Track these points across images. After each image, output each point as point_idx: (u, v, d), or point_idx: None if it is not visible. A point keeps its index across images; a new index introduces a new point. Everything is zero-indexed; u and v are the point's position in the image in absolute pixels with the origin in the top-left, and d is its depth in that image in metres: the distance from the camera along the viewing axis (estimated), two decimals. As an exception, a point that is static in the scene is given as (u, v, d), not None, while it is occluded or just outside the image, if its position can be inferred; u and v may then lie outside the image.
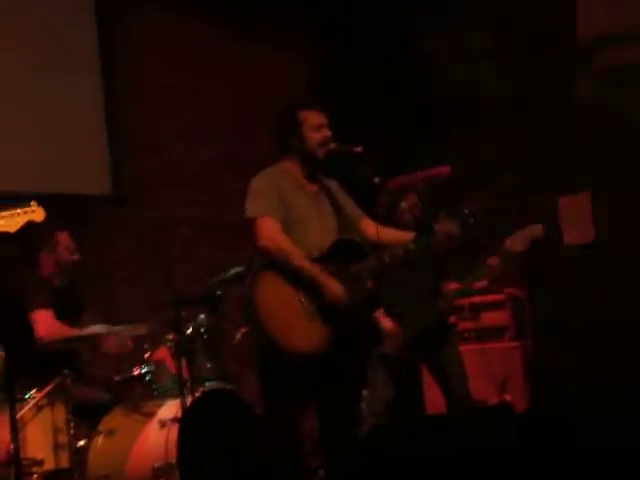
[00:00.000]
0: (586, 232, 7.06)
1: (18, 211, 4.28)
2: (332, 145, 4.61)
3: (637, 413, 4.91)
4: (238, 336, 5.54)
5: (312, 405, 4.60)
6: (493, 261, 5.45)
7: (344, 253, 4.50)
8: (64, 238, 5.69)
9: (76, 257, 5.72)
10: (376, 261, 4.49)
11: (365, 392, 5.15)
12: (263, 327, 4.31)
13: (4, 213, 4.01)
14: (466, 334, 6.99)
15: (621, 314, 6.65)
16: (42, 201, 4.92)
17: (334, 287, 4.38)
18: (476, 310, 7.05)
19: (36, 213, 4.34)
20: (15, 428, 4.06)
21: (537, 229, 5.36)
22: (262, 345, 4.42)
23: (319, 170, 4.67)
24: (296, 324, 4.33)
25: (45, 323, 5.42)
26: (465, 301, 6.91)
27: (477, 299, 6.96)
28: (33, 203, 4.36)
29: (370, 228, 4.69)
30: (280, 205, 4.47)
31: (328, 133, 4.58)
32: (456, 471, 3.87)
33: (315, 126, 4.57)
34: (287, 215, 4.49)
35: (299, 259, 4.38)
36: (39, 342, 5.33)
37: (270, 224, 4.42)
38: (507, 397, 6.58)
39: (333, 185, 4.76)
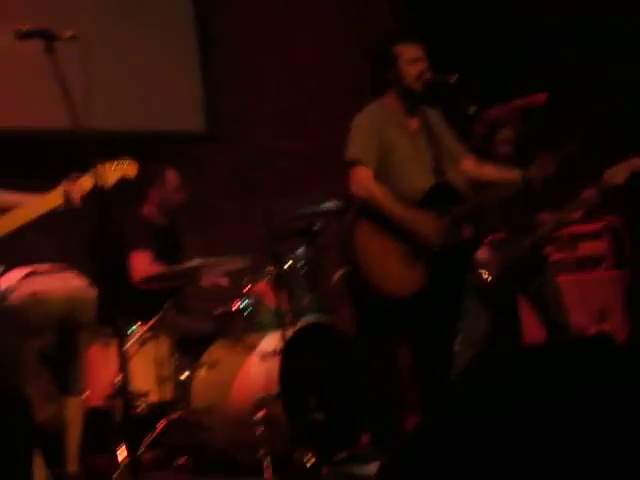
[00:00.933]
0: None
1: (113, 167, 4.36)
2: (428, 75, 4.57)
3: None
4: (335, 278, 5.58)
5: (409, 340, 4.64)
6: (589, 193, 5.37)
7: (441, 197, 4.51)
8: (172, 177, 5.76)
9: (182, 196, 5.80)
10: (476, 206, 4.54)
11: (462, 323, 5.14)
12: (361, 270, 4.39)
13: (99, 169, 4.10)
14: (564, 264, 6.92)
15: None
16: (137, 139, 5.01)
17: (427, 235, 4.40)
18: (574, 240, 6.96)
19: (129, 168, 4.43)
20: (123, 360, 4.15)
21: (636, 162, 5.26)
22: (360, 286, 4.46)
23: (419, 103, 4.64)
24: (391, 269, 4.39)
25: (142, 265, 5.52)
26: (563, 231, 6.83)
27: (575, 229, 6.87)
28: (127, 159, 4.44)
29: (471, 165, 4.66)
30: (378, 149, 4.48)
31: (424, 66, 4.55)
32: (553, 402, 3.84)
33: (411, 59, 4.55)
34: (387, 155, 4.51)
35: (391, 206, 4.41)
36: (135, 284, 5.45)
37: (364, 172, 4.45)
38: (606, 327, 6.52)
39: (435, 116, 4.73)
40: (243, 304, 5.43)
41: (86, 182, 4.20)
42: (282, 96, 7.29)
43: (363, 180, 4.46)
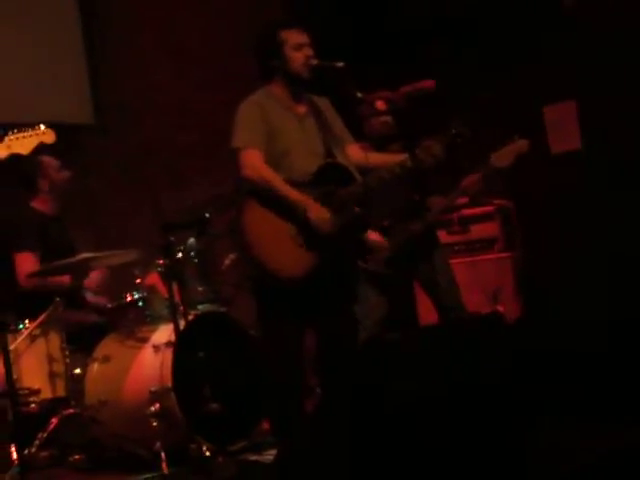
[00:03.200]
0: (573, 140, 7.04)
1: (29, 133, 4.30)
2: (314, 61, 4.58)
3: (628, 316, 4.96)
4: (227, 262, 5.58)
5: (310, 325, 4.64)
6: (472, 178, 5.43)
7: (331, 177, 4.51)
8: (48, 159, 5.66)
9: (67, 174, 5.72)
10: (363, 186, 4.50)
11: (357, 308, 5.17)
12: (250, 253, 4.36)
13: (15, 135, 4.05)
14: (456, 247, 7.02)
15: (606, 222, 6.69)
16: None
17: (317, 211, 4.39)
18: (465, 223, 7.06)
19: (47, 135, 4.38)
20: (8, 359, 4.09)
21: (523, 144, 5.33)
22: (252, 270, 4.45)
23: (306, 89, 4.65)
24: (282, 250, 4.37)
25: (25, 267, 5.41)
26: (454, 214, 6.92)
27: (466, 212, 6.97)
28: (43, 126, 4.38)
29: (358, 152, 4.69)
30: (265, 133, 4.47)
31: (310, 52, 4.55)
32: (448, 382, 3.89)
33: (296, 45, 4.54)
34: (273, 141, 4.49)
35: (281, 186, 4.40)
36: (19, 286, 5.36)
37: (253, 155, 4.43)
38: (500, 308, 6.62)
39: (323, 103, 4.74)
40: (136, 296, 5.38)
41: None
42: (171, 87, 7.22)
43: (254, 162, 4.43)
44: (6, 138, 4.14)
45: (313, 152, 4.57)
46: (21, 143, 4.12)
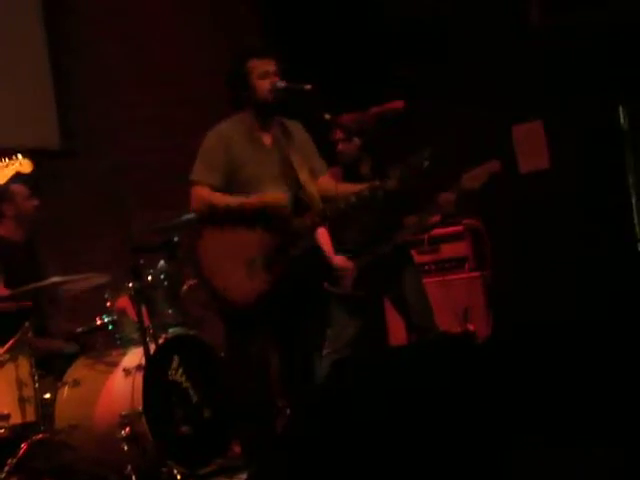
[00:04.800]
0: (541, 160, 7.09)
1: (6, 163, 4.30)
2: (281, 83, 4.61)
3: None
4: (185, 288, 5.58)
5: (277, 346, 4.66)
6: (445, 198, 5.45)
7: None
8: (18, 187, 5.63)
9: (35, 202, 5.69)
10: (316, 214, 4.56)
11: (329, 331, 5.18)
12: (205, 280, 4.47)
13: None
14: (427, 267, 7.03)
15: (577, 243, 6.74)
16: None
17: (273, 197, 4.47)
18: (435, 242, 7.08)
19: (24, 165, 4.37)
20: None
21: (494, 165, 5.37)
22: (208, 296, 4.52)
23: (275, 116, 4.68)
24: (234, 276, 4.43)
25: None
26: (424, 234, 6.94)
27: (436, 231, 6.99)
28: (20, 156, 4.38)
29: (328, 182, 4.72)
30: (227, 164, 4.53)
31: (276, 79, 4.58)
32: (418, 401, 3.90)
33: (263, 73, 4.58)
34: (237, 172, 4.55)
35: (227, 199, 4.49)
36: None
37: (200, 190, 4.53)
38: (470, 327, 6.64)
39: (296, 128, 4.76)
40: (106, 320, 5.37)
41: None
42: (140, 107, 7.20)
43: (199, 196, 4.53)
44: None
45: (277, 184, 4.60)
46: None
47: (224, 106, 4.78)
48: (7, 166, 4.31)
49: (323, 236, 5.40)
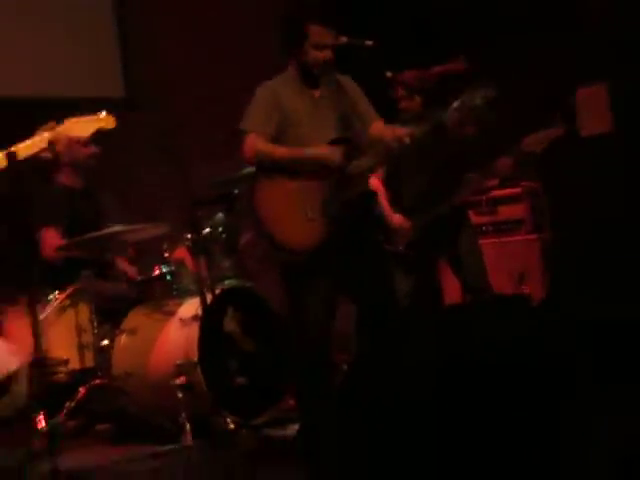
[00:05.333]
0: (604, 123, 7.01)
1: (89, 118, 4.34)
2: (343, 39, 4.59)
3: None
4: (243, 240, 5.63)
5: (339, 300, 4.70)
6: (502, 162, 5.43)
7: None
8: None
9: (91, 150, 5.71)
10: (373, 157, 4.58)
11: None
12: (262, 229, 4.51)
13: (76, 119, 4.11)
14: (484, 227, 7.01)
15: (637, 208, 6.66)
16: (56, 105, 4.94)
17: (328, 153, 4.50)
18: (493, 204, 7.06)
19: (107, 120, 4.41)
20: (37, 330, 4.15)
21: (557, 130, 5.34)
22: (266, 245, 4.55)
23: (325, 72, 4.66)
24: (292, 224, 4.48)
25: (51, 242, 5.44)
26: (482, 195, 6.92)
27: (494, 193, 6.96)
28: (104, 112, 4.44)
29: (382, 129, 4.69)
30: (274, 118, 4.56)
31: (329, 54, 4.56)
32: (473, 361, 3.91)
33: (318, 44, 4.55)
34: (289, 127, 4.58)
35: (284, 150, 4.52)
36: (46, 260, 5.41)
37: (254, 139, 4.55)
38: (525, 290, 6.62)
39: (346, 81, 4.74)
40: (164, 270, 5.43)
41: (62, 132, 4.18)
42: (200, 61, 7.23)
43: (251, 145, 4.55)
44: (66, 121, 4.17)
45: (328, 133, 4.61)
46: (81, 127, 4.17)
47: (278, 60, 4.78)
48: (91, 121, 4.34)
49: (380, 194, 5.41)
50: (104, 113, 4.38)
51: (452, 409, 3.57)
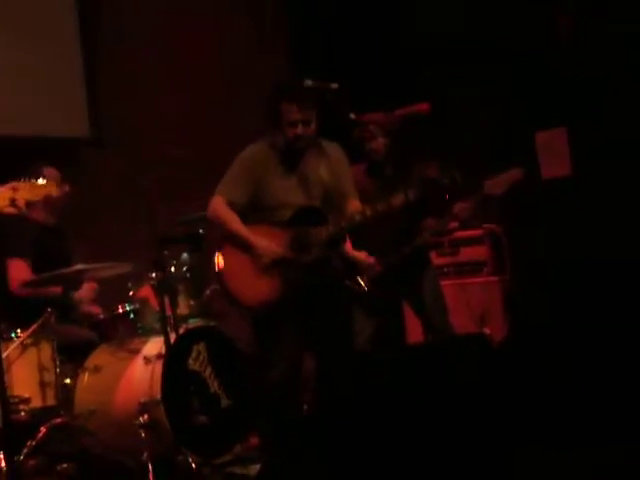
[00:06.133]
0: (563, 166, 7.12)
1: (37, 184, 4.38)
2: (309, 82, 4.71)
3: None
4: (207, 292, 5.67)
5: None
6: (464, 205, 5.51)
7: (306, 220, 4.78)
8: (50, 171, 5.67)
9: (66, 188, 5.73)
10: (332, 227, 4.76)
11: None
12: (224, 286, 4.74)
13: (25, 184, 4.18)
14: (445, 269, 7.09)
15: (597, 249, 6.75)
16: (21, 144, 4.96)
17: (263, 247, 4.69)
18: (455, 245, 7.13)
19: (53, 190, 4.45)
20: (1, 367, 4.15)
21: (517, 173, 5.42)
22: (226, 299, 4.77)
23: (302, 148, 4.83)
24: (249, 280, 4.70)
25: (19, 275, 5.43)
26: (444, 237, 6.98)
27: (456, 235, 7.03)
28: (45, 180, 4.48)
29: (357, 207, 4.82)
30: (253, 185, 4.77)
31: (299, 131, 4.73)
32: (434, 398, 3.96)
33: (289, 121, 4.73)
34: (264, 194, 4.78)
35: (234, 224, 4.75)
36: (11, 292, 5.40)
37: (218, 201, 4.80)
38: (486, 330, 6.68)
39: (333, 150, 4.92)
40: (128, 308, 5.44)
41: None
42: (169, 102, 7.28)
43: (214, 206, 4.81)
44: (17, 184, 4.24)
45: (299, 200, 4.81)
46: (31, 192, 4.25)
47: (250, 107, 4.90)
48: (39, 187, 4.37)
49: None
50: (47, 181, 4.44)
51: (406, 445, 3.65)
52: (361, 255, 5.41)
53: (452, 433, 3.69)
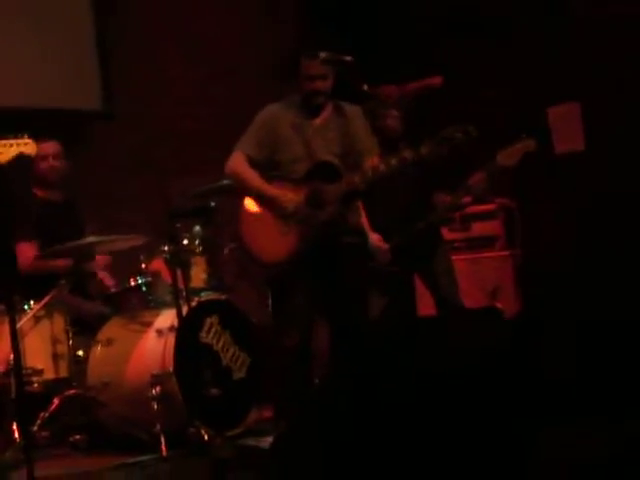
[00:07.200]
0: (577, 141, 7.09)
1: (10, 142, 4.32)
2: (323, 54, 4.73)
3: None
4: (226, 251, 5.69)
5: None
6: (477, 177, 5.48)
7: (321, 175, 4.85)
8: (45, 146, 5.62)
9: (61, 163, 5.71)
10: (346, 183, 4.80)
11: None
12: (244, 244, 4.89)
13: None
14: (457, 244, 7.07)
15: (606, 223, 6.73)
16: (32, 117, 4.94)
17: (283, 200, 4.79)
18: (467, 220, 7.11)
19: (28, 146, 4.38)
20: (16, 339, 4.16)
21: (530, 144, 5.39)
22: (245, 257, 4.91)
23: (326, 103, 4.91)
24: (268, 237, 4.82)
25: (26, 257, 5.47)
26: (457, 212, 6.96)
27: (468, 209, 7.00)
28: (26, 136, 4.40)
29: (370, 163, 4.87)
30: (270, 143, 4.89)
31: (318, 85, 4.82)
32: (445, 371, 3.95)
33: (308, 76, 4.83)
34: (283, 149, 4.89)
35: (252, 180, 4.86)
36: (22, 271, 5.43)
37: (238, 157, 4.91)
38: (498, 304, 6.67)
39: (353, 111, 4.98)
40: (140, 281, 5.45)
41: None
42: (181, 74, 7.27)
43: (232, 162, 4.92)
44: None
45: (317, 157, 4.88)
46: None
47: (260, 79, 4.93)
48: (11, 146, 4.32)
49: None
50: (26, 138, 4.38)
51: (424, 418, 3.63)
52: (375, 237, 5.41)
53: (465, 409, 3.68)
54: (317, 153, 4.87)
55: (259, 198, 4.86)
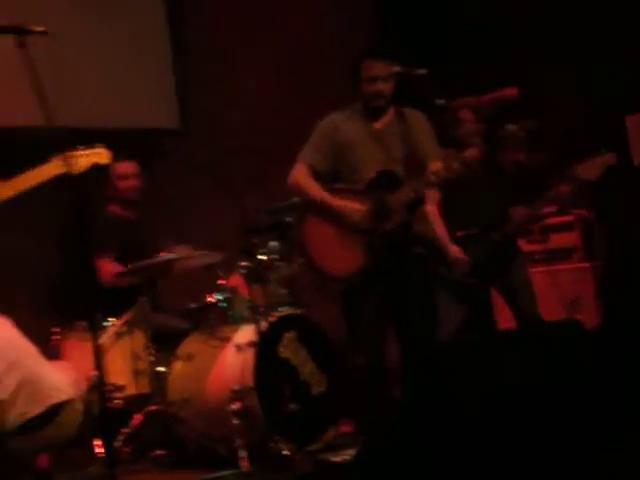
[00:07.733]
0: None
1: (84, 153, 4.36)
2: (396, 68, 4.73)
3: None
4: (295, 267, 5.68)
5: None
6: (563, 188, 5.43)
7: (384, 185, 4.79)
8: (121, 166, 5.74)
9: (136, 182, 5.80)
10: (409, 190, 4.74)
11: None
12: (309, 258, 4.83)
13: (69, 155, 4.13)
14: (535, 256, 7.00)
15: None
16: (112, 136, 5.01)
17: (349, 213, 4.73)
18: (545, 232, 7.03)
19: (101, 155, 4.43)
20: (99, 355, 4.21)
21: (610, 157, 5.33)
22: (312, 273, 4.87)
23: (386, 105, 4.87)
24: (335, 252, 4.77)
25: (107, 272, 5.56)
26: (535, 224, 6.89)
27: (547, 221, 6.93)
28: (99, 146, 4.45)
29: (438, 166, 4.80)
30: (334, 149, 4.85)
31: (379, 87, 4.79)
32: (524, 383, 3.90)
33: (369, 78, 4.80)
34: (345, 157, 4.85)
35: (317, 192, 4.81)
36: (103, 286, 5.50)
37: (300, 168, 4.89)
38: (578, 317, 6.58)
39: (416, 117, 4.93)
40: (218, 297, 5.48)
41: (56, 166, 4.21)
42: (255, 92, 7.31)
43: (296, 174, 4.90)
44: (60, 156, 4.19)
45: (378, 164, 4.83)
46: (73, 163, 4.18)
47: (337, 94, 4.93)
48: (84, 156, 4.36)
49: (437, 223, 5.44)
50: (100, 147, 4.41)
51: (499, 431, 3.59)
52: (455, 250, 5.38)
53: (547, 426, 3.62)
54: (379, 160, 4.82)
55: (323, 210, 4.80)
